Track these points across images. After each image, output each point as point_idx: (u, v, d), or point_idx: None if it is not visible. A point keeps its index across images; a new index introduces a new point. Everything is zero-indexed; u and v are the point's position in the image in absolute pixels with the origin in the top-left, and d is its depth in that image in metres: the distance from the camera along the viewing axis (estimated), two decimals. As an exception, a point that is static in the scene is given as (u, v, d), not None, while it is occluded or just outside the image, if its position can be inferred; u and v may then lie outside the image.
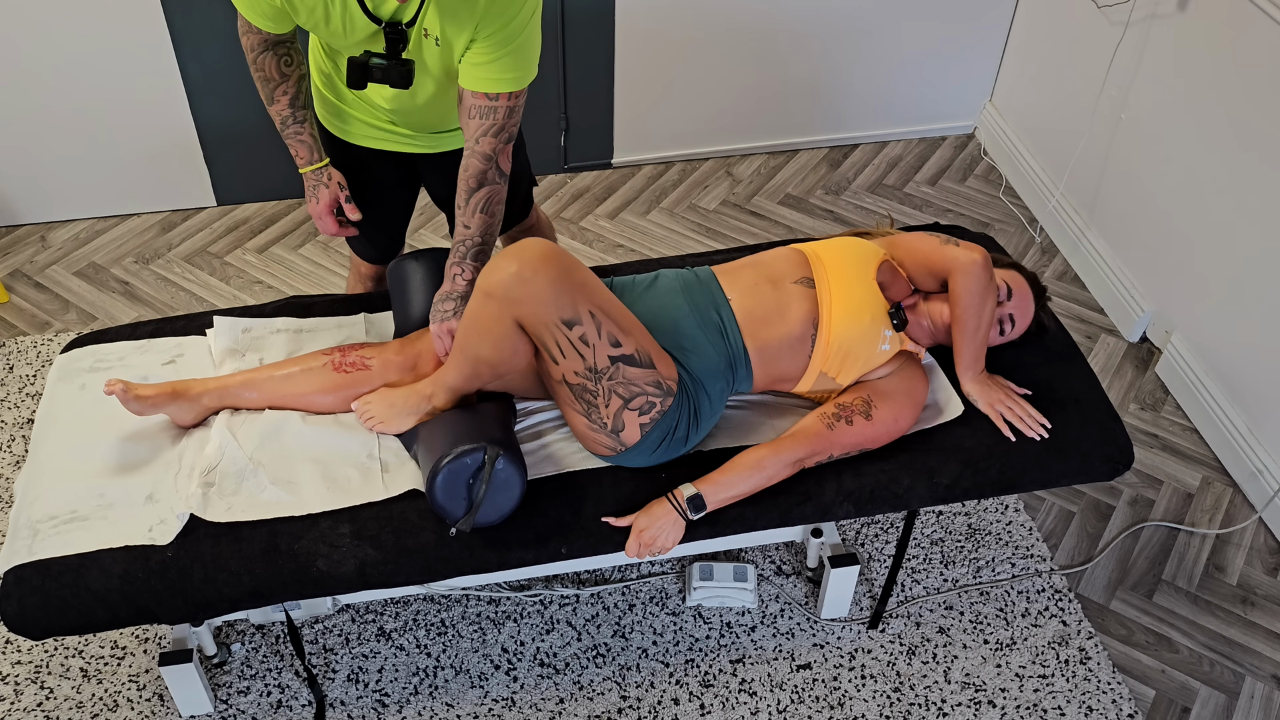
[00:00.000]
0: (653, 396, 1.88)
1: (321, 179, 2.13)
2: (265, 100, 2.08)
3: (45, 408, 2.11)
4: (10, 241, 3.33)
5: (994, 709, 2.26)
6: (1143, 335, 3.10)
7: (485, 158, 1.95)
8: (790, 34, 3.46)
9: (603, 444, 1.94)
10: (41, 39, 3.02)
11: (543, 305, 1.76)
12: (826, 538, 2.38)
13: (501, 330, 1.80)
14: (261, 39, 1.99)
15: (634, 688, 2.28)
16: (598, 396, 1.86)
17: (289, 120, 2.09)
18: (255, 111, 3.26)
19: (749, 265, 2.10)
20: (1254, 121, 2.59)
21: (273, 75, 2.03)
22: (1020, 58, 3.57)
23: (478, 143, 1.94)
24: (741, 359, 2.00)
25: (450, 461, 1.80)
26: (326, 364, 2.02)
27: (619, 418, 1.88)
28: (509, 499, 1.86)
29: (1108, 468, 2.08)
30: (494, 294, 1.77)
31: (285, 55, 2.02)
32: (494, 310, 1.79)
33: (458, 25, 1.85)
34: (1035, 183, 3.49)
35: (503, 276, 1.76)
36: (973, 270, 2.01)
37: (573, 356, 1.82)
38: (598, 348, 1.81)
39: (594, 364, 1.82)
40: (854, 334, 1.99)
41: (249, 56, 2.02)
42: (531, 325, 1.79)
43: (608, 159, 3.64)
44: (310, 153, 2.12)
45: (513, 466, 1.84)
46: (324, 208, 2.15)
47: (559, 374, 1.86)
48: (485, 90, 1.90)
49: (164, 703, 2.24)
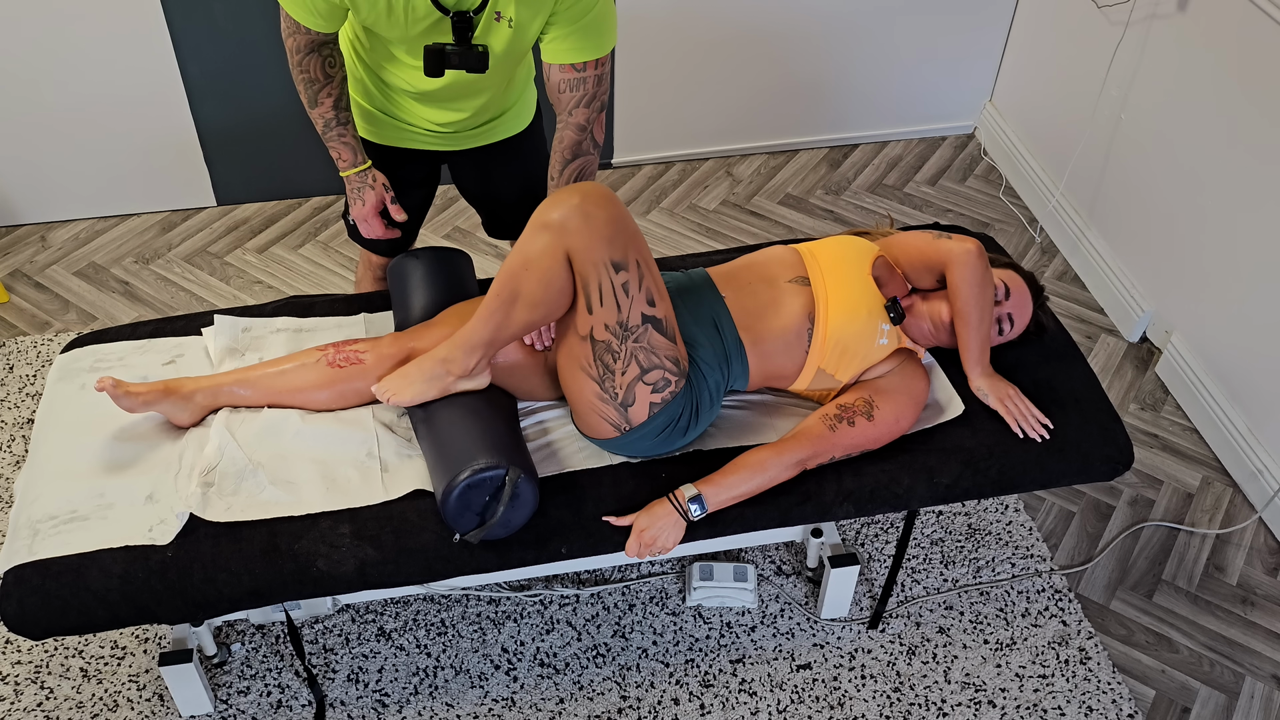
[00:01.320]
0: (669, 373, 1.88)
1: (366, 181, 2.14)
2: (308, 103, 2.07)
3: (45, 408, 2.11)
4: (10, 241, 3.33)
5: (994, 709, 2.26)
6: (1143, 335, 3.10)
7: (580, 128, 2.00)
8: (790, 34, 3.46)
9: (608, 419, 1.92)
10: (42, 39, 3.02)
11: (598, 241, 1.76)
12: (826, 538, 2.38)
13: (550, 263, 1.79)
14: (309, 40, 1.98)
15: (634, 688, 2.28)
16: (618, 359, 1.85)
17: (333, 123, 2.08)
18: (255, 111, 3.26)
19: (743, 265, 2.10)
20: (1254, 121, 2.59)
21: (318, 77, 2.03)
22: (1020, 58, 3.57)
23: (571, 114, 1.99)
24: (736, 353, 2.00)
25: (469, 477, 1.78)
26: (320, 359, 2.02)
27: (631, 390, 1.87)
28: (521, 517, 1.86)
29: (1108, 468, 2.08)
30: (552, 224, 1.77)
31: (329, 56, 2.03)
32: (547, 241, 1.78)
33: (535, 7, 1.87)
34: (1035, 183, 3.49)
35: (564, 209, 1.76)
36: (967, 259, 2.01)
37: (610, 305, 1.81)
38: (635, 300, 1.81)
39: (627, 318, 1.82)
40: (851, 329, 1.99)
41: (294, 59, 2.02)
42: (580, 263, 1.78)
43: (608, 159, 3.64)
44: (354, 155, 2.12)
45: (531, 487, 1.83)
46: (370, 210, 2.16)
47: (588, 327, 1.84)
48: (572, 62, 1.93)
49: (164, 703, 2.24)
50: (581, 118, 1.99)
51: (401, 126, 2.20)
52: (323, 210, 3.46)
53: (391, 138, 2.23)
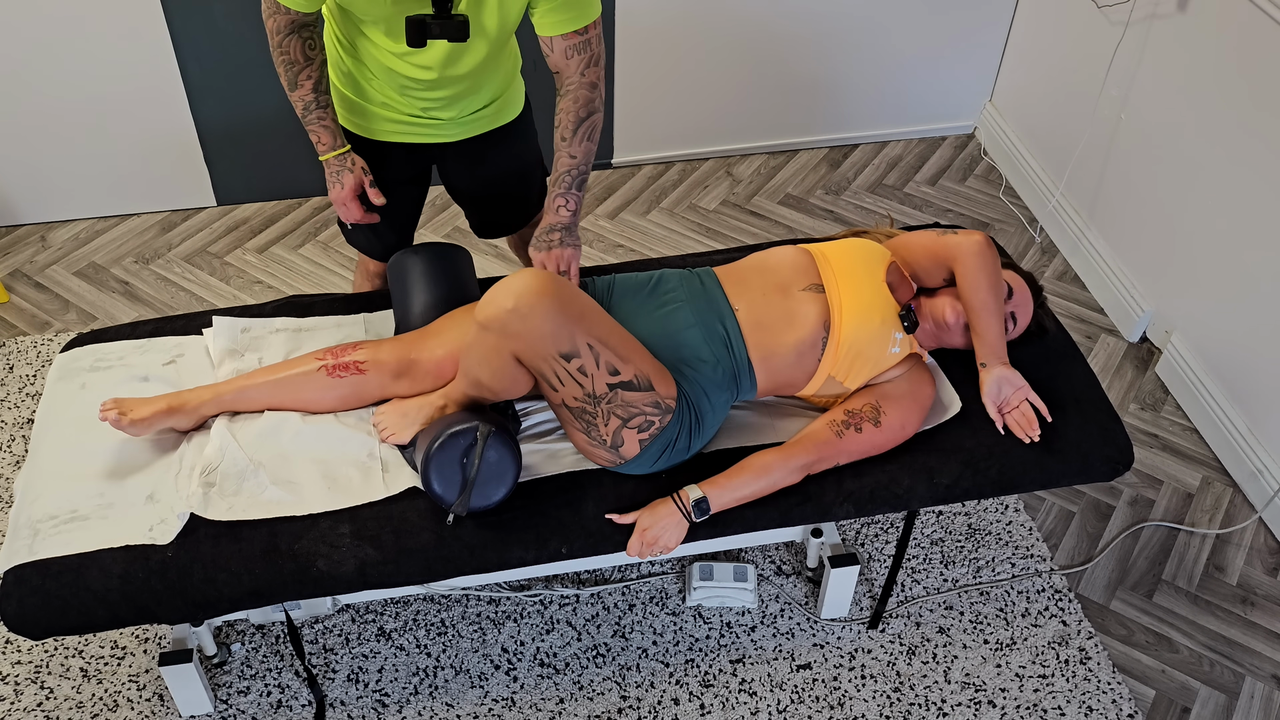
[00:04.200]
0: (650, 415, 1.88)
1: (345, 164, 2.14)
2: (288, 85, 2.08)
3: (45, 407, 2.11)
4: (10, 241, 3.33)
5: (994, 709, 2.26)
6: (1143, 335, 3.10)
7: (591, 86, 2.06)
8: (790, 34, 3.46)
9: (603, 457, 1.94)
10: (42, 39, 3.01)
11: (540, 340, 1.77)
12: (826, 538, 2.38)
13: (499, 362, 1.82)
14: (289, 20, 1.99)
15: (634, 688, 2.28)
16: (596, 418, 1.87)
17: (312, 105, 2.09)
18: (255, 111, 3.26)
19: (756, 270, 2.08)
20: (1254, 121, 2.59)
21: (298, 59, 2.04)
22: (1020, 58, 3.57)
23: (583, 75, 2.05)
24: (746, 371, 1.99)
25: (442, 442, 1.81)
26: (320, 369, 2.02)
27: (618, 435, 1.88)
28: (503, 479, 1.86)
29: (1108, 468, 2.08)
30: (490, 328, 1.78)
31: (309, 39, 2.04)
32: (491, 343, 1.80)
33: None
34: (1035, 183, 3.49)
35: (498, 312, 1.76)
36: (977, 249, 2.02)
37: (571, 385, 1.83)
38: (596, 377, 1.82)
39: (592, 391, 1.83)
40: (864, 336, 1.99)
41: (274, 40, 2.03)
42: (529, 359, 1.80)
43: (608, 159, 3.64)
44: (333, 138, 2.12)
45: (504, 445, 1.84)
46: (348, 193, 2.16)
47: (558, 399, 1.87)
48: (575, 29, 1.99)
49: (164, 703, 2.24)
50: (593, 76, 2.06)
51: (389, 118, 2.19)
52: (323, 210, 3.46)
53: (381, 132, 2.22)
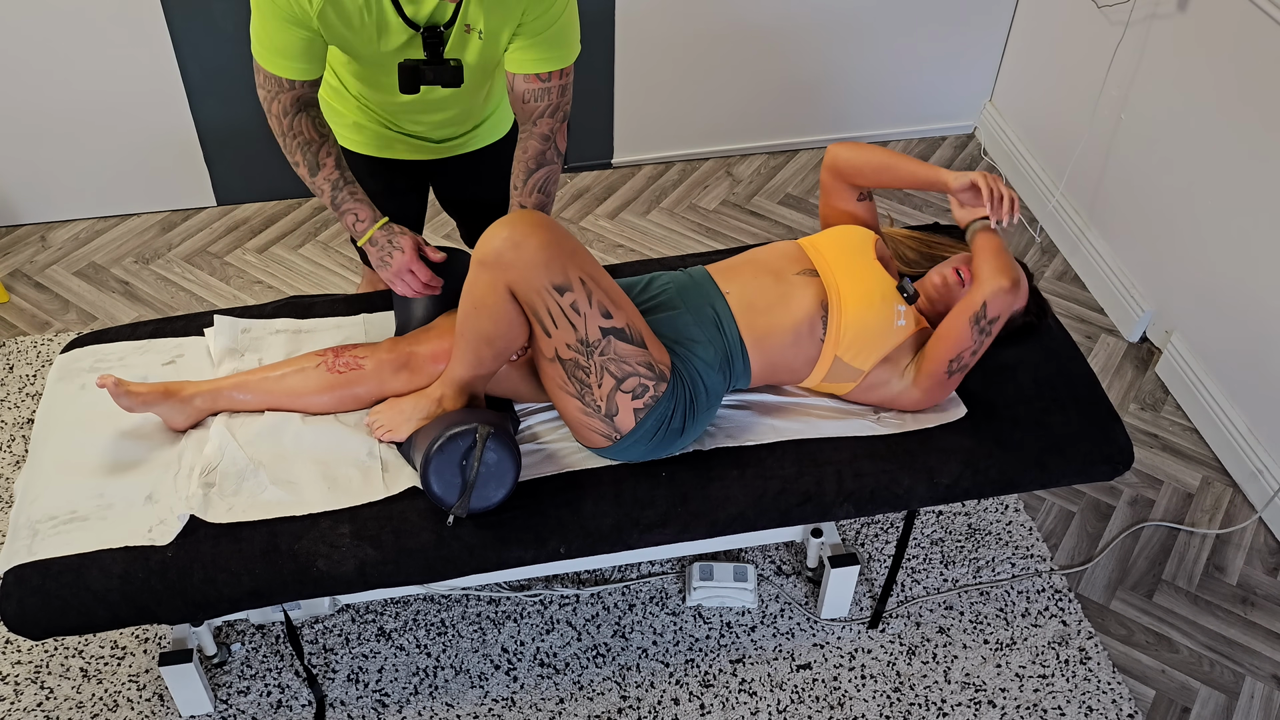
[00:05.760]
0: (645, 379, 1.88)
1: (392, 232, 1.99)
2: (308, 169, 1.94)
3: (45, 408, 2.11)
4: (10, 241, 3.33)
5: (994, 709, 2.26)
6: (1143, 335, 3.10)
7: (544, 138, 1.99)
8: (790, 34, 3.46)
9: (597, 431, 1.93)
10: (41, 39, 3.02)
11: (534, 269, 1.77)
12: (826, 538, 2.38)
13: (496, 300, 1.81)
14: (294, 97, 1.89)
15: (634, 688, 2.28)
16: (590, 374, 1.86)
17: (340, 183, 1.96)
18: (255, 111, 3.26)
19: (747, 261, 2.10)
20: (1254, 121, 2.59)
21: (313, 136, 1.94)
22: (1020, 58, 3.57)
23: (535, 124, 1.98)
24: (738, 352, 2.00)
25: (441, 444, 1.80)
26: (320, 365, 2.02)
27: (612, 400, 1.88)
28: (503, 481, 1.86)
29: (1108, 468, 2.08)
30: (486, 260, 1.78)
31: (316, 116, 1.94)
32: (488, 280, 1.79)
33: (503, 15, 1.86)
34: (1035, 183, 3.49)
35: (495, 243, 1.77)
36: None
37: (565, 327, 1.82)
38: (589, 317, 1.82)
39: (585, 335, 1.82)
40: (868, 316, 2.00)
41: (282, 125, 1.91)
42: (524, 292, 1.79)
43: (608, 159, 3.64)
44: (371, 210, 1.98)
45: (504, 446, 1.84)
46: (410, 257, 1.99)
47: (551, 349, 1.86)
48: (537, 72, 1.92)
49: (164, 703, 2.24)
50: (546, 128, 1.98)
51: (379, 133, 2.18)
52: (323, 210, 3.46)
53: (373, 147, 2.20)
